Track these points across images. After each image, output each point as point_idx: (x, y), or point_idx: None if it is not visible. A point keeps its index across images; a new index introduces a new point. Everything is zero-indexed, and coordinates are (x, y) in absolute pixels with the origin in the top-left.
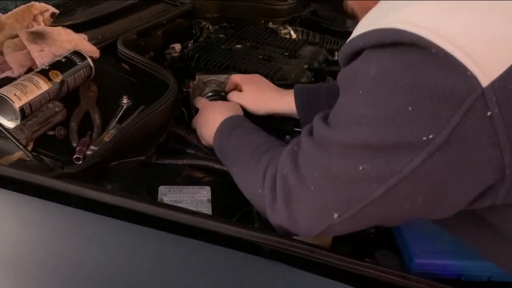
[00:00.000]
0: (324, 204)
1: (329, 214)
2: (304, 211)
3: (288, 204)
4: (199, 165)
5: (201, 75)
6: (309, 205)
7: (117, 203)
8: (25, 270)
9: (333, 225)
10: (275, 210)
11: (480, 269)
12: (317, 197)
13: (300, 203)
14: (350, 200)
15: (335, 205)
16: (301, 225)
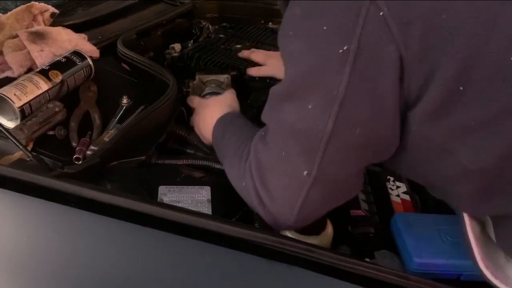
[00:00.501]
0: (294, 167)
1: (301, 177)
2: (281, 186)
3: (265, 185)
4: (199, 165)
5: (201, 75)
6: (283, 177)
7: (117, 203)
8: (25, 270)
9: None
10: (259, 199)
11: None
12: (287, 162)
13: (275, 178)
14: (312, 146)
15: (302, 160)
16: (281, 204)
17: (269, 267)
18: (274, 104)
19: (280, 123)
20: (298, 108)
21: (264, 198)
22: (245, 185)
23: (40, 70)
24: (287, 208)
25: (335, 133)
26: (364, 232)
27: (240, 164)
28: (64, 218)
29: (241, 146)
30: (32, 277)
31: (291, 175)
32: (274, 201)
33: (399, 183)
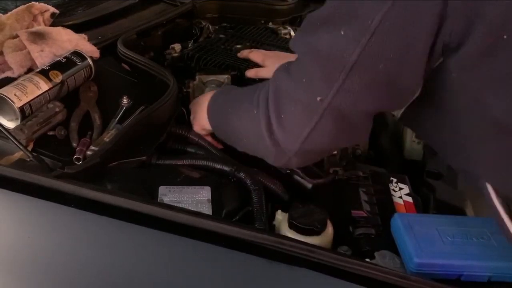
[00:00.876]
0: (310, 93)
1: (312, 102)
2: (293, 113)
3: (278, 112)
4: (199, 165)
5: (201, 75)
6: (297, 104)
7: (117, 203)
8: (25, 270)
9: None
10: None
11: (480, 269)
12: (305, 87)
13: (290, 105)
14: (333, 72)
15: (320, 85)
16: (289, 131)
17: (269, 267)
18: (307, 29)
19: (308, 47)
20: (330, 33)
21: (274, 124)
22: (256, 114)
23: (40, 70)
24: (294, 135)
25: (358, 63)
26: (365, 233)
27: (253, 98)
28: (64, 218)
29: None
30: (32, 277)
31: (306, 101)
32: (282, 127)
33: (402, 184)
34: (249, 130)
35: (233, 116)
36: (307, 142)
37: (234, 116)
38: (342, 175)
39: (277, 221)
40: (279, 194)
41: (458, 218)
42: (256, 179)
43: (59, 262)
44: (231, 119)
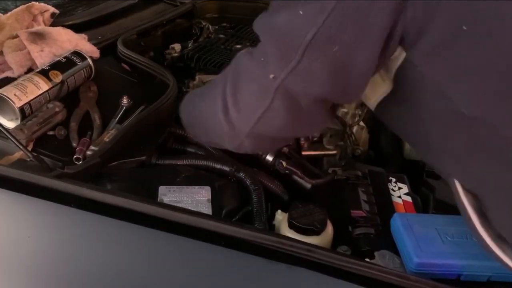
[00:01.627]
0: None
1: (266, 80)
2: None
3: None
4: (199, 165)
5: (201, 75)
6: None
7: (117, 203)
8: (25, 270)
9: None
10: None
11: (479, 269)
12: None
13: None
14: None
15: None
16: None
17: (269, 267)
18: (270, 10)
19: (268, 26)
20: (290, 13)
21: (229, 102)
22: (213, 95)
23: (40, 70)
24: (247, 115)
25: (313, 43)
26: (365, 233)
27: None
28: (64, 218)
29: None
30: (32, 277)
31: (260, 79)
32: (237, 106)
33: (401, 184)
34: (208, 112)
35: (198, 103)
36: (259, 124)
37: (198, 103)
38: (342, 175)
39: (277, 221)
40: (279, 194)
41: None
42: (256, 179)
43: (59, 262)
44: (196, 107)
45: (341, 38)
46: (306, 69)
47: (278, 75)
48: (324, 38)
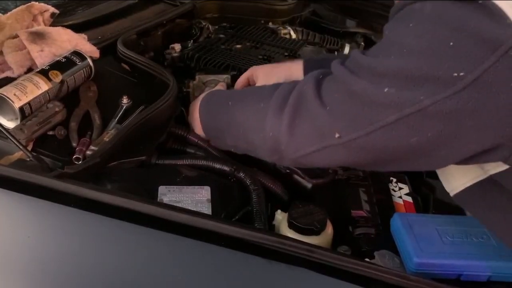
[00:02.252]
0: (333, 123)
1: (331, 134)
2: (308, 125)
3: (295, 114)
4: (199, 165)
5: (201, 75)
6: (316, 122)
7: (117, 203)
8: (25, 270)
9: (325, 148)
10: (277, 117)
11: (479, 269)
12: (329, 115)
13: (309, 117)
14: (362, 121)
15: (344, 124)
16: (295, 138)
17: (269, 267)
18: (352, 66)
19: (347, 84)
20: (374, 86)
21: (284, 124)
22: (263, 106)
23: (40, 70)
24: (295, 146)
25: (390, 128)
26: (365, 233)
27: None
28: (64, 218)
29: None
30: (32, 277)
31: (323, 127)
32: (291, 132)
33: (401, 184)
34: (249, 124)
35: (233, 110)
36: (305, 158)
37: (233, 109)
38: (342, 175)
39: (277, 221)
40: (279, 194)
41: (458, 218)
42: (256, 179)
43: (59, 262)
44: (230, 112)
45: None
46: (375, 143)
47: (344, 136)
48: (405, 128)
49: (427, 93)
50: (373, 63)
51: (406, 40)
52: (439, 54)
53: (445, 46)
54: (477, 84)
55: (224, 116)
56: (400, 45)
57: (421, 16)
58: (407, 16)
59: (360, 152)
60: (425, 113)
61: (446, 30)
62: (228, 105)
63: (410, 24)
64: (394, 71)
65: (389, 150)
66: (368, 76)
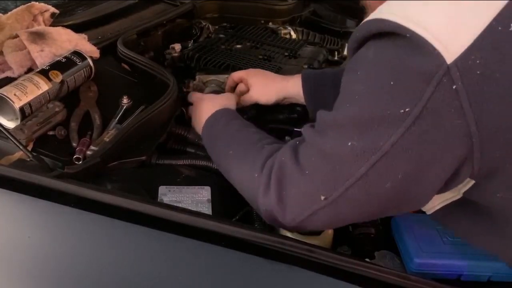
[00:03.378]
0: (315, 187)
1: (316, 197)
2: (294, 195)
3: (280, 189)
4: (199, 165)
5: (201, 75)
6: (300, 190)
7: (117, 203)
8: (25, 270)
9: (317, 212)
10: (266, 195)
11: (480, 269)
12: (310, 180)
13: (292, 188)
14: (338, 179)
15: (324, 186)
16: (288, 210)
17: (269, 267)
18: (319, 126)
19: (317, 145)
20: (339, 141)
21: (273, 199)
22: (257, 177)
23: (40, 70)
24: (290, 216)
25: (364, 179)
26: (365, 232)
27: (259, 156)
28: (64, 218)
29: (261, 141)
30: (32, 277)
31: (309, 194)
32: (281, 205)
33: None
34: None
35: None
36: (303, 224)
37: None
38: None
39: None
40: None
41: None
42: None
43: (59, 262)
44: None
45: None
46: (356, 196)
47: (328, 197)
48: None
49: (383, 136)
50: (335, 115)
51: (355, 87)
52: (384, 95)
53: (387, 86)
54: (423, 116)
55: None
56: (353, 93)
57: (366, 61)
58: (356, 64)
59: (348, 209)
60: (389, 157)
61: (386, 71)
62: (229, 154)
63: (358, 71)
64: (350, 119)
65: (371, 201)
66: (332, 132)
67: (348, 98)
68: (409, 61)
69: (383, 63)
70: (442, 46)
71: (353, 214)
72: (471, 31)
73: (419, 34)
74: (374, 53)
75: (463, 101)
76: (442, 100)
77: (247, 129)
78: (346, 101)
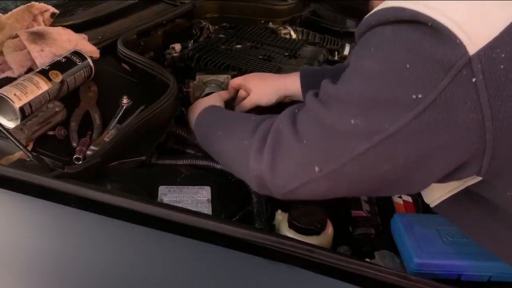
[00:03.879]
0: (310, 157)
1: (311, 168)
2: (288, 163)
3: (274, 153)
4: (199, 165)
5: (201, 75)
6: (295, 158)
7: (117, 203)
8: (26, 270)
9: (309, 182)
10: (258, 160)
11: (480, 269)
12: (306, 150)
13: (287, 154)
14: (336, 153)
15: (320, 157)
16: (278, 176)
17: (269, 267)
18: (323, 97)
19: (318, 116)
20: (342, 117)
21: (265, 164)
22: (247, 143)
23: (40, 70)
24: (281, 183)
25: (362, 157)
26: (365, 233)
27: (247, 125)
28: (64, 218)
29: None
30: (32, 277)
31: (303, 163)
32: (272, 171)
33: None
34: (234, 155)
35: (222, 140)
36: (293, 193)
37: (223, 140)
38: None
39: (277, 221)
40: None
41: None
42: None
43: (59, 262)
44: (219, 142)
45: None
46: (353, 175)
47: (322, 168)
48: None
49: (390, 118)
50: (339, 90)
51: (367, 64)
52: (397, 76)
53: (402, 69)
54: (436, 105)
55: (215, 145)
56: (362, 69)
57: (381, 40)
58: (369, 40)
59: (342, 183)
60: (392, 140)
61: (403, 52)
62: (218, 134)
63: (371, 48)
64: (357, 96)
65: (367, 179)
66: (336, 106)
67: (357, 73)
68: (429, 46)
69: (401, 43)
70: (466, 36)
71: (345, 189)
72: (497, 23)
73: (441, 23)
74: (392, 31)
75: (482, 95)
76: (459, 92)
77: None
78: (354, 76)
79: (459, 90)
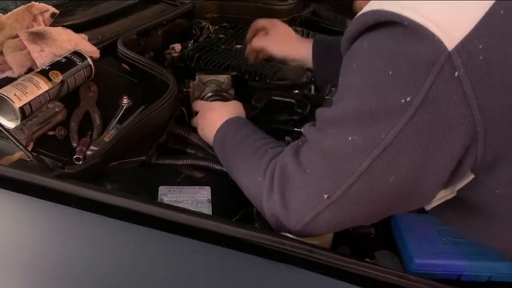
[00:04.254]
0: (317, 185)
1: (319, 197)
2: (297, 196)
3: (282, 191)
4: (199, 165)
5: (201, 75)
6: (303, 190)
7: (117, 203)
8: (25, 270)
9: (322, 212)
10: (270, 199)
11: (480, 269)
12: (312, 179)
13: (295, 188)
14: (340, 175)
15: (326, 184)
16: (291, 212)
17: (269, 267)
18: (319, 124)
19: (317, 143)
20: (340, 137)
21: (277, 202)
22: (261, 181)
23: (40, 70)
24: (295, 218)
25: (367, 173)
26: (365, 232)
27: (263, 160)
28: (64, 218)
29: (266, 146)
30: (32, 277)
31: (312, 193)
32: (285, 208)
33: None
34: (252, 191)
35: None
36: (307, 226)
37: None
38: None
39: None
40: None
41: None
42: None
43: (59, 262)
44: (236, 168)
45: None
46: (360, 193)
47: (332, 195)
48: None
49: (385, 127)
50: (334, 111)
51: (352, 80)
52: (382, 85)
53: (385, 77)
54: (425, 105)
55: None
56: (350, 86)
57: (360, 55)
58: (351, 57)
59: (354, 206)
60: (392, 149)
61: (382, 61)
62: (236, 161)
63: (353, 64)
64: (349, 113)
65: (376, 197)
66: (331, 128)
67: (345, 92)
68: (407, 48)
69: (380, 53)
70: (442, 32)
71: (358, 213)
72: (472, 15)
73: (416, 21)
74: (369, 43)
75: (466, 88)
76: (444, 88)
77: (254, 136)
78: (343, 96)
79: (444, 87)
